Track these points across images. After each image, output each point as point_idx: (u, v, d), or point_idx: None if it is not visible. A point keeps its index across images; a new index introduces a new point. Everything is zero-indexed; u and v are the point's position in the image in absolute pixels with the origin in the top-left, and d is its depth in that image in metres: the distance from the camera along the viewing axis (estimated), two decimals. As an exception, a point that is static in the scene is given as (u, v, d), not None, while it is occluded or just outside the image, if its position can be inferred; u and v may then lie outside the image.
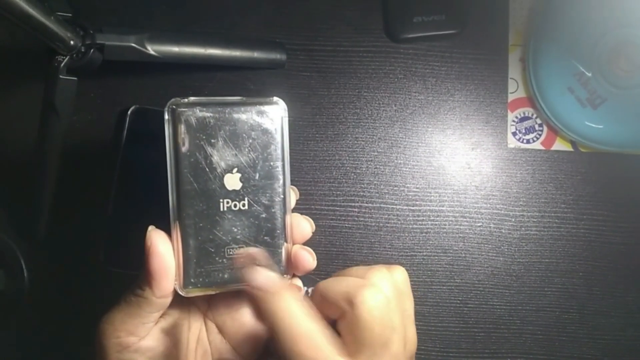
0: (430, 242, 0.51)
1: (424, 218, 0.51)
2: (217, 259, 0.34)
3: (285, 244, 0.35)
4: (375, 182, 0.51)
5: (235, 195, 0.33)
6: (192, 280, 0.33)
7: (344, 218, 0.50)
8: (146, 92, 0.50)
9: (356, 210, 0.50)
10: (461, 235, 0.51)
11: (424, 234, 0.51)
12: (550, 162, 0.51)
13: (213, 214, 0.33)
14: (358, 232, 0.50)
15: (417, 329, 0.35)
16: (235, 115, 0.33)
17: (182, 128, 0.31)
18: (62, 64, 0.39)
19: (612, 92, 0.50)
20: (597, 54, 0.49)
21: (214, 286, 0.34)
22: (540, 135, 0.51)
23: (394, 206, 0.51)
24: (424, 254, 0.51)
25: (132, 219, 0.49)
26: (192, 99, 0.32)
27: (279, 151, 0.34)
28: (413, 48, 0.51)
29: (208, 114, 0.32)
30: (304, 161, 0.50)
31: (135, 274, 0.47)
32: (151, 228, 0.33)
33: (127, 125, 0.48)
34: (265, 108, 0.34)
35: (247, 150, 0.33)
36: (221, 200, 0.33)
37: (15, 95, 0.50)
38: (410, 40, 0.51)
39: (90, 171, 0.49)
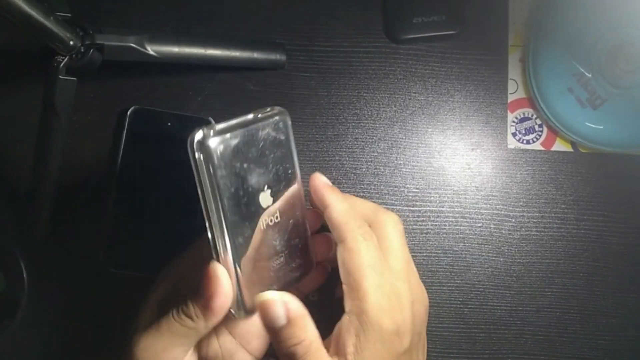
0: (431, 242, 0.51)
1: (424, 219, 0.51)
2: (265, 274, 0.34)
3: (309, 237, 0.36)
4: (375, 182, 0.51)
5: (270, 211, 0.33)
6: (249, 304, 0.33)
7: (344, 219, 0.50)
8: (146, 92, 0.50)
9: (356, 210, 0.50)
10: (461, 236, 0.51)
11: (424, 235, 0.51)
12: (550, 162, 0.51)
13: (257, 236, 0.33)
14: (358, 233, 0.50)
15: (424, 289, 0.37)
16: (257, 134, 0.32)
17: (217, 161, 0.30)
18: (61, 64, 0.39)
19: (612, 93, 0.50)
20: (597, 54, 0.49)
21: None
22: (540, 135, 0.51)
23: (394, 207, 0.51)
24: (424, 254, 0.50)
25: (132, 220, 0.49)
26: (215, 128, 0.31)
27: (292, 156, 0.35)
28: (413, 49, 0.51)
29: (235, 140, 0.31)
30: (303, 162, 0.50)
31: (134, 275, 0.48)
32: (213, 261, 0.32)
33: (126, 125, 0.48)
34: (277, 119, 0.33)
35: (271, 165, 0.33)
36: (261, 220, 0.33)
37: (14, 95, 0.50)
38: (410, 41, 0.51)
39: (90, 172, 0.49)
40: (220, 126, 0.31)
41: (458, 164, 0.51)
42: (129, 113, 0.48)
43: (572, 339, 0.50)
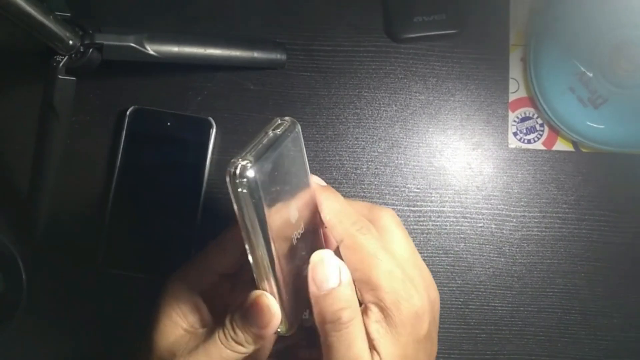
0: (431, 242, 0.50)
1: (425, 219, 0.50)
2: (300, 286, 0.33)
3: (322, 237, 0.36)
4: (375, 182, 0.51)
5: (297, 224, 0.33)
6: (292, 320, 0.33)
7: (344, 219, 0.50)
8: (145, 92, 0.50)
9: (357, 210, 0.50)
10: (462, 236, 0.50)
11: (424, 235, 0.50)
12: (552, 162, 0.51)
13: (292, 252, 0.33)
14: (359, 233, 0.50)
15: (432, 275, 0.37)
16: (281, 154, 0.31)
17: (259, 191, 0.29)
18: (60, 64, 0.39)
19: (613, 92, 0.49)
20: (598, 53, 0.49)
21: (305, 309, 0.35)
22: (541, 135, 0.51)
23: (395, 207, 0.50)
24: (425, 254, 0.50)
25: (131, 220, 0.49)
26: (248, 158, 0.29)
27: (305, 164, 0.34)
28: (413, 48, 0.51)
29: (269, 165, 0.30)
30: (304, 162, 0.50)
31: (134, 275, 0.47)
32: (263, 292, 0.32)
33: (126, 125, 0.48)
34: (293, 133, 0.33)
35: (294, 180, 0.33)
36: (292, 236, 0.33)
37: (14, 95, 0.50)
38: (410, 40, 0.51)
39: (89, 172, 0.49)
40: (254, 153, 0.29)
41: (459, 164, 0.51)
42: (128, 113, 0.48)
43: (573, 339, 0.50)
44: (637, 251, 0.51)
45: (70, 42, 0.38)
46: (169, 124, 0.48)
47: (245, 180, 0.28)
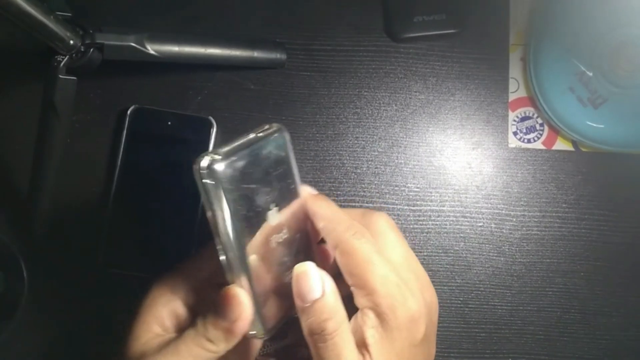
0: (431, 242, 0.50)
1: (425, 218, 0.51)
2: (280, 291, 0.33)
3: (313, 248, 0.36)
4: (375, 182, 0.51)
5: (278, 227, 0.33)
6: (268, 324, 0.33)
7: (344, 218, 0.50)
8: (146, 92, 0.50)
9: (357, 210, 0.50)
10: (462, 235, 0.51)
11: (424, 234, 0.50)
12: (552, 161, 0.51)
13: (269, 254, 0.33)
14: (359, 232, 0.50)
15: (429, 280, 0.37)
16: (260, 154, 0.32)
17: (226, 186, 0.30)
18: (61, 64, 0.39)
19: (613, 92, 0.49)
20: (598, 53, 0.49)
21: (283, 317, 0.34)
22: (541, 134, 0.51)
23: (395, 206, 0.50)
24: (425, 254, 0.50)
25: (132, 220, 0.49)
26: (220, 152, 0.30)
27: (293, 171, 0.34)
28: (413, 47, 0.51)
29: (241, 162, 0.31)
30: (304, 161, 0.50)
31: (134, 275, 0.47)
32: (234, 286, 0.32)
33: (126, 125, 0.48)
34: (277, 137, 0.33)
35: (275, 183, 0.33)
36: (271, 238, 0.33)
37: (14, 95, 0.50)
38: (410, 40, 0.51)
39: (90, 171, 0.49)
40: (225, 149, 0.30)
41: (459, 163, 0.51)
42: (128, 112, 0.48)
43: (572, 338, 0.50)
44: (637, 251, 0.51)
45: (71, 41, 0.38)
46: (169, 123, 0.49)
47: (208, 171, 0.29)
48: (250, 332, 0.33)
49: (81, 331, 0.49)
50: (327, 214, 0.35)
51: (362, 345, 0.32)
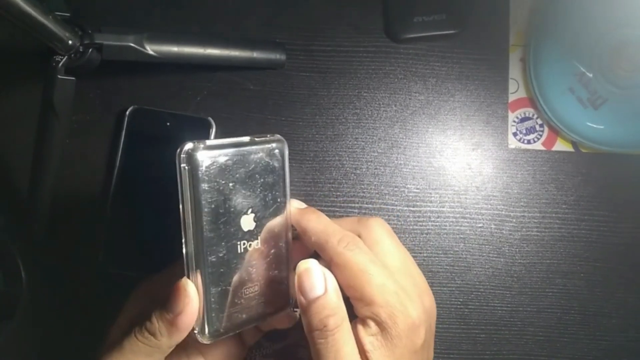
0: (431, 243, 0.50)
1: (425, 219, 0.50)
2: (236, 301, 0.33)
3: (290, 272, 0.36)
4: (375, 182, 0.51)
5: (250, 235, 0.33)
6: (214, 327, 0.33)
7: (344, 219, 0.50)
8: (145, 92, 0.50)
9: (356, 211, 0.50)
10: (462, 236, 0.50)
11: (424, 235, 0.50)
12: (551, 162, 0.51)
13: (232, 258, 0.33)
14: (358, 233, 0.50)
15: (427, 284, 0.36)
16: (249, 157, 0.32)
17: (200, 174, 0.30)
18: (60, 64, 0.39)
19: (613, 93, 0.49)
20: (598, 54, 0.49)
21: (233, 329, 0.34)
22: (541, 135, 0.51)
23: (394, 207, 0.50)
24: (425, 255, 0.50)
25: (131, 220, 0.49)
26: (205, 142, 0.31)
27: (284, 186, 0.34)
28: (413, 48, 0.51)
29: (224, 158, 0.31)
30: (303, 162, 0.50)
31: (133, 275, 0.47)
32: (184, 278, 0.32)
33: (125, 125, 0.48)
34: (273, 146, 0.33)
35: (259, 190, 0.33)
36: (239, 242, 0.32)
37: (13, 95, 0.50)
38: (410, 41, 0.51)
39: (89, 172, 0.49)
40: (212, 142, 0.31)
41: (459, 164, 0.51)
42: (127, 113, 0.48)
43: (572, 339, 0.50)
44: (636, 251, 0.51)
45: (70, 42, 0.38)
46: (168, 124, 0.48)
47: (186, 156, 0.30)
48: (195, 331, 0.32)
49: (81, 331, 0.49)
50: (317, 228, 0.34)
51: (362, 352, 0.32)
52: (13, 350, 0.49)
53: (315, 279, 0.32)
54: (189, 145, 0.30)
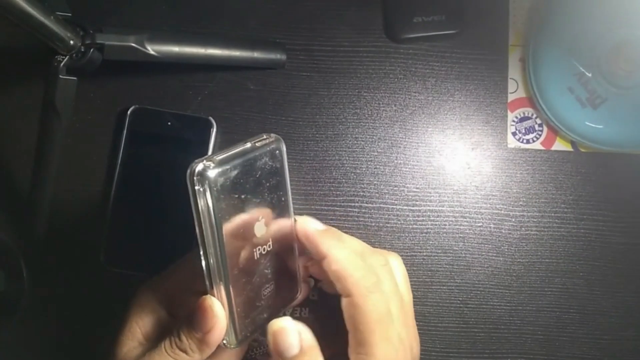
0: (430, 242, 0.51)
1: (424, 218, 0.51)
2: (257, 304, 0.33)
3: (298, 266, 0.36)
4: (375, 182, 0.51)
5: (263, 239, 0.33)
6: (242, 333, 0.33)
7: (343, 218, 0.50)
8: (146, 92, 0.50)
9: (356, 210, 0.50)
10: (461, 235, 0.51)
11: (424, 234, 0.51)
12: (550, 162, 0.51)
13: (251, 265, 0.33)
14: (358, 233, 0.50)
15: (417, 329, 0.36)
16: (255, 164, 0.32)
17: (217, 193, 0.29)
18: (61, 64, 0.39)
19: (612, 92, 0.50)
20: (597, 54, 0.49)
21: (257, 329, 0.34)
22: (540, 135, 0.51)
23: (394, 206, 0.51)
24: (424, 254, 0.50)
25: (132, 219, 0.49)
26: (214, 159, 0.30)
27: (286, 183, 0.34)
28: (413, 48, 0.51)
29: (235, 171, 0.30)
30: (303, 161, 0.50)
31: (134, 275, 0.48)
32: (209, 296, 0.32)
33: (126, 125, 0.49)
34: (273, 147, 0.33)
35: (266, 194, 0.33)
36: (254, 250, 0.33)
37: (15, 95, 0.50)
38: (410, 41, 0.51)
39: (90, 171, 0.49)
40: (220, 157, 0.30)
41: (458, 164, 0.51)
42: (129, 112, 0.48)
43: (571, 338, 0.50)
44: (636, 251, 0.51)
45: (71, 42, 0.38)
46: (169, 123, 0.49)
47: (199, 178, 0.29)
48: (224, 342, 0.32)
49: (81, 331, 0.49)
50: (340, 257, 0.33)
51: None
52: (13, 350, 0.49)
53: (290, 338, 0.32)
54: (199, 167, 0.29)
